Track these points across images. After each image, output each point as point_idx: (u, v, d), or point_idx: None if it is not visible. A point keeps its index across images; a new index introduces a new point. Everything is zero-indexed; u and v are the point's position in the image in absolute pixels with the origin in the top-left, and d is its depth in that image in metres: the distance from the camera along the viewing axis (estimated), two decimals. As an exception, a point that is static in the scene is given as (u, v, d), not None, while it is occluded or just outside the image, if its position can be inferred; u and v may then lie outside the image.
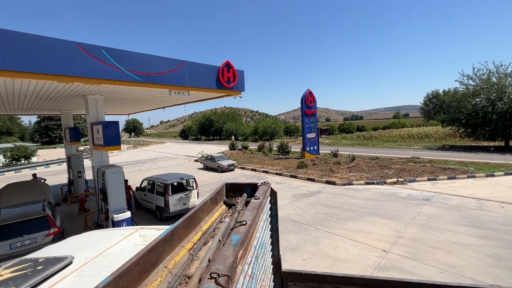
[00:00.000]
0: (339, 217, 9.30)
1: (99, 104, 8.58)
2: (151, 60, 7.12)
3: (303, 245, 7.34)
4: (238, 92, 9.40)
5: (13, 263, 1.84)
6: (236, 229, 1.42)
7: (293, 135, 56.72)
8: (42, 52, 5.37)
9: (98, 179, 8.48)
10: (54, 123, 57.21)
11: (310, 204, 10.92)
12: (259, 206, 1.82)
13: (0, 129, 55.03)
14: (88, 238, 2.42)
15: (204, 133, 71.51)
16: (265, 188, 2.26)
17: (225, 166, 19.00)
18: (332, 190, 13.00)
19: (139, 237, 2.22)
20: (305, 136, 22.38)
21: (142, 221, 9.74)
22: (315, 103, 23.44)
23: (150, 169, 22.09)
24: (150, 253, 1.24)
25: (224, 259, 1.12)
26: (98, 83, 6.38)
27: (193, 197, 10.24)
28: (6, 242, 6.32)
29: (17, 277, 1.58)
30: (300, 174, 16.33)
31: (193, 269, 1.31)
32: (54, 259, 1.77)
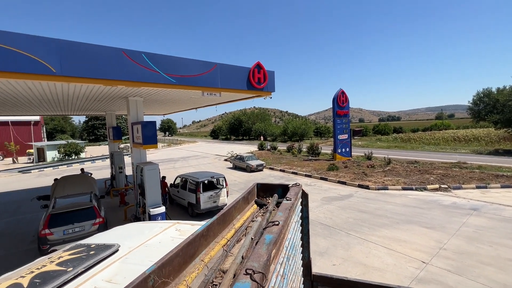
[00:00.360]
0: (373, 223, 8.84)
1: (139, 105, 9.22)
2: (186, 63, 7.46)
3: (333, 249, 7.12)
4: (268, 93, 9.43)
5: (70, 247, 2.09)
6: (269, 228, 1.44)
7: (323, 136, 55.21)
8: (91, 59, 5.92)
9: (136, 175, 9.12)
10: (99, 123, 62.85)
11: (341, 208, 10.54)
12: (291, 207, 1.82)
13: (56, 127, 61.96)
14: (131, 229, 2.63)
15: (233, 133, 72.90)
16: (296, 190, 2.25)
17: (254, 166, 19.18)
18: (365, 194, 12.40)
19: (175, 231, 2.35)
20: (337, 138, 21.67)
21: (175, 216, 10.25)
22: (348, 103, 22.57)
23: (182, 167, 23.14)
24: (188, 247, 1.32)
25: (258, 256, 1.14)
26: (138, 85, 6.86)
27: (222, 195, 10.50)
28: (61, 228, 7.10)
29: (75, 259, 1.79)
30: (331, 176, 15.85)
31: (227, 265, 1.36)
32: (104, 246, 1.97)
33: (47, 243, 6.90)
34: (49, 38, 5.37)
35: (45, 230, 6.92)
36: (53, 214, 7.20)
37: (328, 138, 52.77)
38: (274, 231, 1.41)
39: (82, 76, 5.87)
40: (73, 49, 5.67)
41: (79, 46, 5.79)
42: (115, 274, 1.70)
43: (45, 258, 1.96)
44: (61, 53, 5.51)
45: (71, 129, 69.01)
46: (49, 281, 1.54)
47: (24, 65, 5.07)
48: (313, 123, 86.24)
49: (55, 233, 7.02)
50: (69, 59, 5.61)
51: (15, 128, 34.93)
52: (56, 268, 1.70)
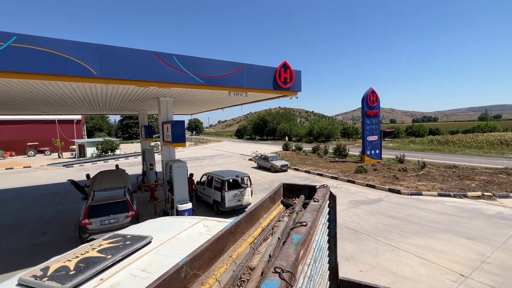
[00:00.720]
0: (404, 230, 8.34)
1: (169, 105, 9.65)
2: (214, 64, 7.64)
3: (360, 255, 6.85)
4: (294, 93, 9.33)
5: (109, 236, 2.26)
6: (297, 229, 1.43)
7: (351, 138, 53.22)
8: (127, 62, 6.31)
9: (166, 172, 9.56)
10: (133, 122, 66.89)
11: (369, 212, 10.10)
12: (318, 208, 1.79)
13: (95, 126, 67.15)
14: (162, 222, 2.77)
15: (258, 133, 73.24)
16: (324, 191, 2.21)
17: (278, 166, 19.10)
18: (396, 199, 11.75)
19: (203, 227, 2.43)
20: (366, 139, 20.78)
21: (200, 213, 10.56)
22: (378, 103, 21.54)
23: (208, 165, 23.78)
24: (217, 242, 1.35)
25: (286, 256, 1.14)
26: (169, 86, 7.17)
27: (247, 194, 10.60)
28: (98, 219, 7.68)
29: (113, 248, 1.93)
30: (359, 179, 15.24)
31: (255, 262, 1.38)
32: (138, 237, 2.10)
33: (87, 232, 7.50)
34: (92, 44, 5.83)
35: (85, 220, 7.54)
36: (92, 206, 7.81)
37: (356, 139, 50.75)
38: (302, 231, 1.40)
39: (119, 78, 6.29)
40: (111, 53, 6.10)
41: (117, 50, 6.20)
42: (149, 264, 1.80)
43: (88, 245, 2.15)
44: (101, 57, 5.95)
45: (108, 127, 74.23)
46: (91, 266, 1.68)
47: (71, 69, 5.56)
48: (340, 123, 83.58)
49: (94, 223, 7.61)
50: (108, 62, 6.04)
51: (60, 126, 38.47)
52: (97, 254, 1.85)
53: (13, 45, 5.01)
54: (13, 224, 9.84)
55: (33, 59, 5.20)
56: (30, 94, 8.15)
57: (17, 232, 8.99)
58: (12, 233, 8.94)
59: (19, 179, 19.37)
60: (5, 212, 11.28)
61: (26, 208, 11.86)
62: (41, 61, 5.27)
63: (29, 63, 5.17)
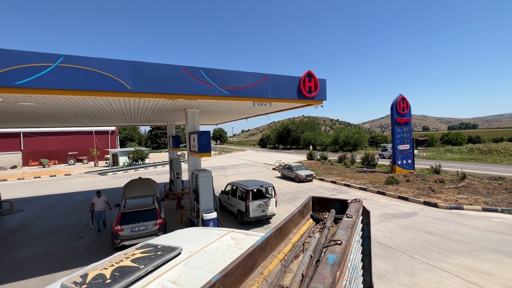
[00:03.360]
0: (444, 247, 7.64)
1: (196, 116, 9.98)
2: (238, 76, 7.81)
3: (393, 273, 6.36)
4: (319, 102, 9.19)
5: (141, 246, 2.33)
6: (331, 247, 1.35)
7: (380, 146, 50.87)
8: (157, 76, 6.68)
9: (192, 181, 9.80)
10: (161, 132, 70.24)
11: (403, 227, 9.42)
12: (352, 225, 1.69)
13: (127, 136, 71.48)
14: (190, 233, 2.81)
15: (281, 142, 72.84)
16: (357, 206, 2.09)
17: (303, 176, 18.71)
18: (432, 213, 10.86)
19: (231, 239, 2.42)
20: (396, 148, 19.71)
21: (225, 222, 10.61)
22: (409, 110, 20.44)
23: (232, 174, 24.01)
24: (248, 258, 1.32)
25: (322, 278, 1.08)
26: (195, 98, 7.45)
27: (271, 205, 10.47)
28: (129, 226, 8.02)
29: (145, 257, 1.99)
30: (390, 191, 14.39)
31: (287, 281, 1.32)
32: (169, 248, 2.14)
33: (118, 238, 7.86)
34: (127, 61, 6.28)
35: (117, 226, 7.92)
36: (124, 213, 8.20)
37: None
38: (336, 250, 1.32)
39: (150, 91, 6.66)
40: (144, 69, 6.50)
41: (148, 65, 6.60)
42: (179, 276, 1.82)
43: (122, 253, 2.23)
44: (135, 73, 6.37)
45: (138, 137, 78.56)
46: (126, 275, 1.73)
47: (109, 84, 6.01)
48: (368, 132, 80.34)
49: (125, 230, 7.96)
50: (141, 77, 6.44)
51: (97, 137, 41.51)
52: (130, 264, 1.91)
53: (60, 65, 5.56)
54: (54, 228, 10.63)
55: (77, 77, 5.71)
56: (73, 108, 8.93)
57: (57, 236, 9.69)
58: (53, 236, 9.65)
59: (61, 185, 21.06)
60: (48, 217, 12.26)
61: (66, 213, 12.78)
62: (83, 79, 5.77)
63: (73, 81, 5.68)
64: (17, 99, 6.49)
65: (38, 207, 14.10)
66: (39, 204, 14.89)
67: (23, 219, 11.99)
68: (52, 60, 5.51)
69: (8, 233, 10.20)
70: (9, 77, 5.15)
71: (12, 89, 5.26)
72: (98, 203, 9.93)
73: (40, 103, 7.39)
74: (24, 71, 5.27)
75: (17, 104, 7.26)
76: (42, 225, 11.00)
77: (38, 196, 17.08)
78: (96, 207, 9.90)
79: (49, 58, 5.48)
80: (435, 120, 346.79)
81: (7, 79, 5.14)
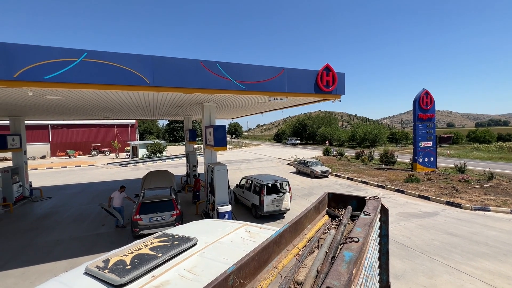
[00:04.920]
0: (467, 250, 7.30)
1: (212, 110, 10.07)
2: (255, 69, 7.76)
3: (411, 274, 6.18)
4: (337, 96, 8.96)
5: (159, 235, 2.42)
6: (347, 245, 1.32)
7: (399, 143, 49.03)
8: (175, 70, 6.78)
9: (207, 174, 9.97)
10: (178, 125, 71.85)
11: (423, 227, 9.09)
12: (370, 223, 1.65)
13: (146, 129, 73.79)
14: (206, 225, 2.87)
15: (297, 137, 72.20)
16: (375, 204, 2.03)
17: (318, 172, 18.48)
18: (455, 214, 10.38)
19: (245, 232, 2.45)
20: (418, 145, 18.91)
21: (239, 215, 10.74)
22: (433, 105, 19.46)
23: (247, 168, 24.16)
24: (263, 252, 1.33)
25: (338, 275, 1.06)
26: (212, 92, 7.50)
27: (285, 200, 10.45)
28: (148, 216, 8.34)
29: (162, 246, 2.06)
30: (409, 189, 13.89)
31: (301, 276, 1.32)
32: (185, 238, 2.20)
33: (138, 227, 8.20)
34: (146, 56, 6.42)
35: (137, 215, 8.25)
36: (143, 203, 8.52)
37: (406, 145, 46.59)
38: (353, 248, 1.29)
39: (168, 86, 6.79)
40: (162, 63, 6.62)
41: (166, 60, 6.71)
42: (194, 265, 1.86)
43: (141, 241, 2.33)
44: (153, 67, 6.50)
45: (157, 130, 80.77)
46: (144, 263, 1.81)
47: (129, 79, 6.19)
48: (387, 128, 77.59)
49: (144, 219, 8.28)
50: (159, 72, 6.58)
51: (118, 130, 43.19)
52: (149, 252, 1.98)
53: (84, 60, 5.79)
54: (79, 215, 11.27)
55: (99, 72, 5.93)
56: (96, 102, 9.30)
57: (82, 222, 10.27)
58: (78, 223, 10.24)
59: (85, 175, 22.23)
60: (73, 204, 13.01)
61: (89, 201, 13.50)
62: (105, 73, 5.98)
63: (96, 75, 5.90)
64: (45, 92, 6.85)
65: (65, 195, 14.99)
66: (66, 192, 15.82)
67: (51, 206, 12.81)
68: (76, 55, 5.75)
69: (38, 218, 10.95)
70: (38, 71, 5.44)
71: (41, 83, 5.56)
72: (116, 198, 9.48)
73: (66, 96, 7.76)
74: (51, 66, 5.54)
75: (45, 97, 7.67)
76: (68, 212, 11.69)
77: (64, 185, 18.15)
78: (114, 203, 9.41)
79: (74, 53, 5.72)
80: (461, 116, 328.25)
81: (37, 73, 5.43)
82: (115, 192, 9.69)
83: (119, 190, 9.75)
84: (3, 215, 11.44)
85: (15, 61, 5.29)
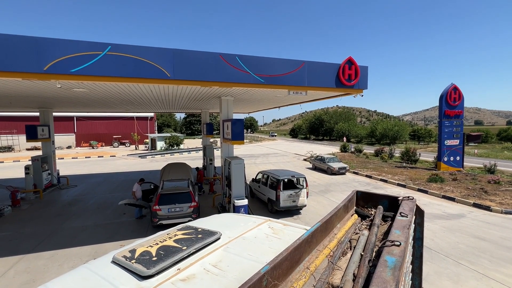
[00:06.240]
0: (496, 255, 6.86)
1: (230, 104, 10.05)
2: (274, 63, 7.60)
3: (435, 277, 5.91)
4: (359, 91, 8.63)
5: (182, 227, 2.42)
6: (388, 248, 1.22)
7: (422, 141, 46.85)
8: (195, 63, 6.77)
9: (224, 167, 10.02)
10: (195, 119, 72.99)
11: (447, 229, 8.66)
12: (409, 225, 1.53)
13: (164, 122, 75.63)
14: (228, 219, 2.85)
15: (313, 132, 71.06)
16: (411, 205, 1.90)
17: (336, 169, 18.09)
18: (483, 217, 9.79)
19: (268, 228, 2.39)
20: (443, 143, 17.97)
21: (254, 210, 10.75)
22: (462, 102, 18.34)
23: (262, 163, 24.14)
24: (295, 251, 1.26)
25: (383, 282, 0.97)
26: (230, 86, 7.45)
27: (302, 195, 10.32)
28: (166, 206, 8.54)
29: (187, 239, 2.06)
30: (433, 189, 13.26)
31: (336, 279, 1.24)
32: (209, 232, 2.19)
33: (157, 217, 8.43)
34: (167, 49, 6.46)
35: (156, 206, 8.47)
36: (162, 194, 8.73)
37: (429, 143, 44.47)
38: (395, 252, 1.19)
39: (187, 79, 6.82)
40: (182, 56, 6.64)
41: (186, 53, 6.72)
42: (219, 260, 1.84)
43: (164, 233, 2.34)
44: (174, 60, 6.54)
45: (174, 123, 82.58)
46: (170, 255, 1.80)
47: (150, 72, 6.27)
48: (409, 124, 74.41)
49: (162, 210, 8.49)
50: (179, 65, 6.60)
51: (138, 122, 44.56)
52: (173, 244, 1.98)
53: (108, 54, 5.91)
54: (102, 203, 11.79)
55: (122, 65, 6.04)
56: (118, 95, 9.57)
57: (104, 210, 10.73)
58: (101, 211, 10.71)
59: (107, 165, 23.19)
60: (97, 193, 13.62)
61: (112, 191, 14.07)
62: (128, 66, 6.08)
63: (119, 68, 6.02)
64: (72, 85, 7.11)
65: (89, 184, 15.73)
66: (90, 181, 16.59)
67: (77, 194, 13.49)
68: (101, 49, 5.89)
69: (65, 205, 11.57)
70: (66, 64, 5.63)
71: (69, 76, 5.75)
72: (138, 191, 10.04)
73: (90, 89, 8.03)
74: (78, 59, 5.71)
75: (71, 90, 7.97)
76: (92, 200, 12.26)
77: (89, 174, 19.04)
78: (137, 195, 9.99)
79: (98, 47, 5.86)
80: (490, 114, 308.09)
81: (65, 66, 5.62)
82: (135, 185, 10.23)
83: (138, 183, 10.31)
84: (34, 201, 12.20)
85: (45, 55, 5.50)
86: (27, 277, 5.99)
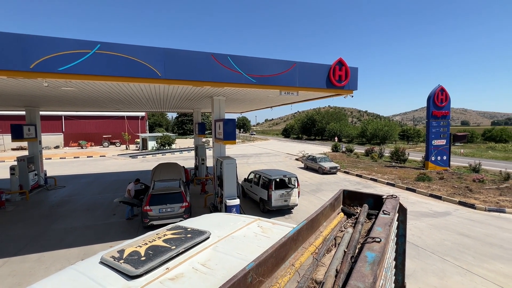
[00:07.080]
0: (480, 252, 7.11)
1: (222, 104, 10.04)
2: (266, 63, 7.65)
3: (421, 274, 6.08)
4: (349, 91, 8.77)
5: (172, 227, 2.43)
6: (369, 245, 1.28)
7: (411, 141, 47.92)
8: (186, 63, 6.74)
9: (216, 167, 10.01)
10: (187, 119, 72.38)
11: (434, 226, 8.91)
12: (390, 223, 1.59)
13: (155, 122, 74.66)
14: (218, 218, 2.87)
15: (305, 132, 71.61)
16: (394, 203, 1.97)
17: (327, 168, 18.31)
18: (468, 214, 10.11)
19: (257, 227, 2.43)
20: (431, 143, 18.44)
21: (246, 209, 10.78)
22: (448, 103, 18.87)
23: (255, 163, 24.18)
24: (281, 249, 1.30)
25: (362, 276, 1.02)
26: (222, 86, 7.45)
27: (294, 195, 10.41)
28: (157, 207, 8.46)
29: (176, 239, 2.07)
30: (421, 188, 13.60)
31: (320, 275, 1.28)
32: (198, 232, 2.21)
33: (148, 218, 8.35)
34: (158, 48, 6.40)
35: (147, 206, 8.39)
36: (153, 194, 8.65)
37: (418, 143, 45.53)
38: (375, 248, 1.24)
39: (179, 78, 6.78)
40: (173, 55, 6.60)
41: (178, 52, 6.68)
42: (208, 259, 1.86)
43: (154, 233, 2.34)
44: (165, 60, 6.49)
45: (166, 123, 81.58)
46: (159, 254, 1.81)
47: (141, 71, 6.21)
48: (399, 125, 75.92)
49: (153, 210, 8.41)
50: (170, 64, 6.56)
51: (128, 122, 43.88)
52: (162, 244, 1.99)
53: (98, 52, 5.82)
54: (91, 204, 11.58)
55: (112, 64, 5.96)
56: (107, 94, 9.42)
57: (94, 212, 10.54)
58: (90, 212, 10.52)
59: (96, 165, 22.76)
60: (87, 194, 13.37)
61: (101, 191, 13.83)
62: (118, 65, 6.00)
63: (109, 67, 5.94)
64: (60, 84, 6.96)
65: (78, 184, 15.41)
66: (79, 181, 16.25)
67: (65, 195, 13.19)
68: (90, 47, 5.79)
69: (52, 206, 11.31)
70: (54, 63, 5.51)
71: (56, 75, 5.64)
72: (133, 190, 10.11)
73: (79, 88, 7.88)
74: (66, 58, 5.60)
75: (59, 88, 7.80)
76: (81, 201, 12.03)
77: (77, 174, 18.65)
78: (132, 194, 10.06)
79: (87, 45, 5.76)
80: (476, 114, 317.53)
81: (52, 65, 5.51)
82: (130, 184, 10.25)
83: (134, 182, 10.40)
84: (20, 202, 11.88)
85: (31, 52, 5.37)
86: (12, 281, 5.85)
